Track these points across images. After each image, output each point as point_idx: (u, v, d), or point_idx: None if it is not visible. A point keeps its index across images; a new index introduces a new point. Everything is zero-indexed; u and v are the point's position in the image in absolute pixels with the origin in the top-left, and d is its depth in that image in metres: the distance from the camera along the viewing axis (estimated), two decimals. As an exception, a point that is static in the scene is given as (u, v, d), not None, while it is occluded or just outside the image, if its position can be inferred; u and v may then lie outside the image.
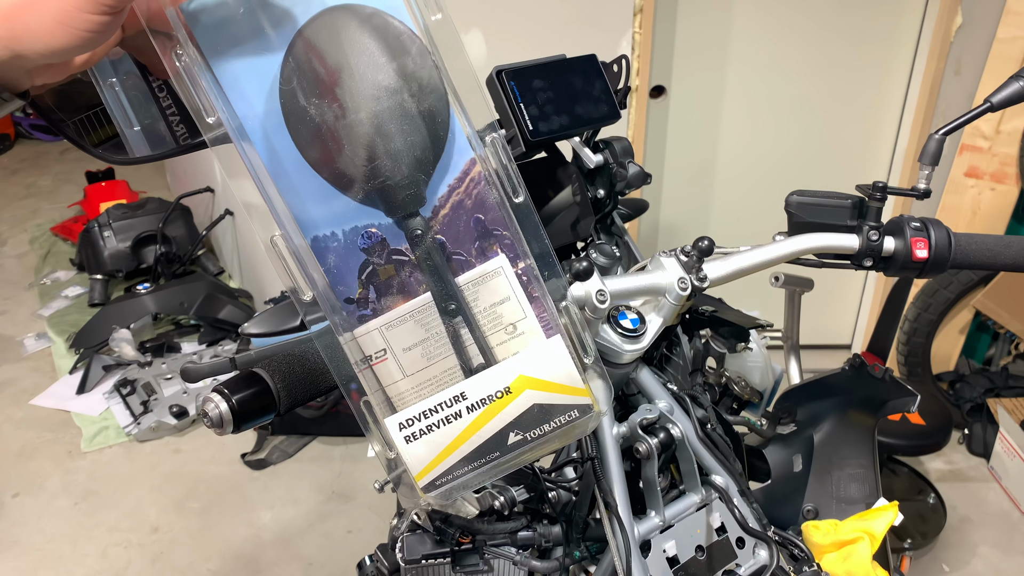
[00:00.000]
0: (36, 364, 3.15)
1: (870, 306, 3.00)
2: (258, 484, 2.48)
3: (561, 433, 0.62)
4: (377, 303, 0.59)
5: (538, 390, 0.60)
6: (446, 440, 0.60)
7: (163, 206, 3.65)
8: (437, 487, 0.61)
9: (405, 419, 0.59)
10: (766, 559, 0.87)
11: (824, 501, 1.14)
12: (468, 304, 0.60)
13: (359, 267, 0.59)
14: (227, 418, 0.62)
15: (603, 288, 0.74)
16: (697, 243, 0.82)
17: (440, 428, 0.60)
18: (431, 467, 0.60)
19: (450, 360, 0.60)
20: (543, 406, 0.61)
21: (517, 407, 0.60)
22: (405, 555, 0.96)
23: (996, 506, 2.38)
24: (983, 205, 2.58)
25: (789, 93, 2.70)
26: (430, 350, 0.60)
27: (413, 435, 0.60)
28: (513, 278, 0.60)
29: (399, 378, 0.60)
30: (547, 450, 0.63)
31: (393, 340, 0.60)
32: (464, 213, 0.59)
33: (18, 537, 2.27)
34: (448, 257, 0.59)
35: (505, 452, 0.61)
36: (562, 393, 0.61)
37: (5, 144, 5.86)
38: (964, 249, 0.91)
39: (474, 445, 0.60)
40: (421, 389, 0.61)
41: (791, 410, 1.19)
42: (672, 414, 0.85)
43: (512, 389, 0.60)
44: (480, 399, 0.60)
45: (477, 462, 0.61)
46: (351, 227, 0.58)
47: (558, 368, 0.60)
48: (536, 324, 0.61)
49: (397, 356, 0.60)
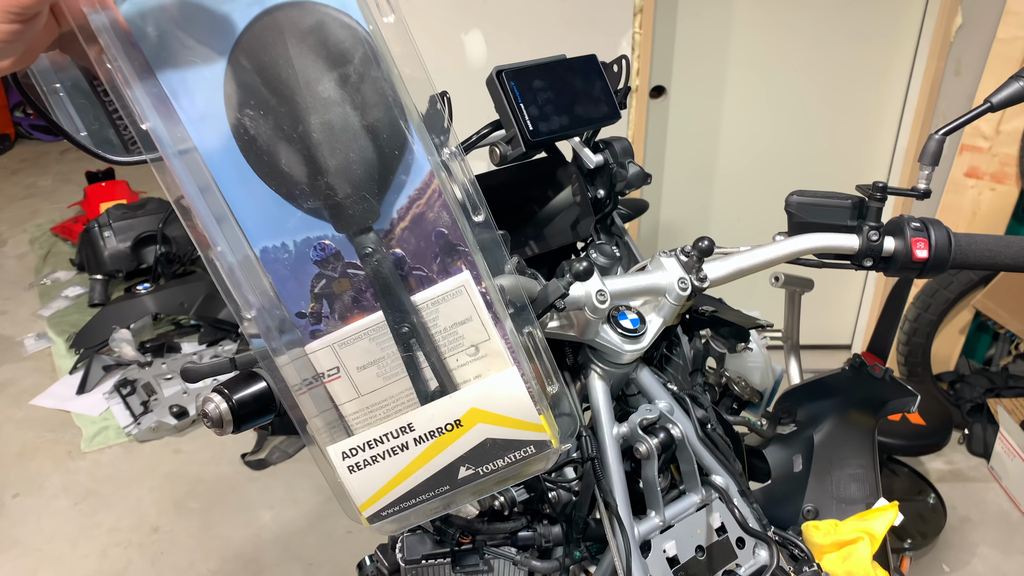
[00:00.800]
0: (36, 364, 3.14)
1: (870, 306, 3.00)
2: (258, 484, 2.48)
3: (516, 469, 0.58)
4: (331, 318, 0.56)
5: (491, 424, 0.57)
6: (391, 472, 0.57)
7: (163, 206, 3.65)
8: (382, 518, 0.58)
9: (348, 448, 0.57)
10: (766, 559, 0.87)
11: (824, 501, 1.14)
12: (425, 325, 0.56)
13: (312, 280, 0.55)
14: (227, 418, 0.62)
15: (603, 288, 0.74)
16: (697, 243, 0.82)
17: (385, 459, 0.57)
18: (376, 498, 0.58)
19: (407, 382, 0.57)
20: (496, 441, 0.57)
21: (468, 441, 0.57)
22: (405, 555, 0.96)
23: (996, 506, 2.38)
24: (983, 205, 2.57)
25: (789, 93, 2.70)
26: (386, 370, 0.57)
27: (357, 465, 0.57)
28: (477, 297, 0.56)
29: (352, 397, 0.57)
30: (502, 485, 0.60)
31: (347, 358, 0.56)
32: (425, 226, 0.55)
33: (18, 537, 2.27)
34: (407, 273, 0.56)
35: (456, 486, 0.58)
36: (517, 428, 0.57)
37: (5, 144, 5.86)
38: (964, 249, 0.91)
39: (422, 478, 0.57)
40: (375, 411, 0.57)
41: (791, 410, 1.19)
42: (672, 414, 0.85)
43: (463, 422, 0.57)
44: (428, 431, 0.56)
45: (425, 495, 0.58)
46: (303, 238, 0.54)
47: (513, 402, 0.57)
48: (501, 346, 0.57)
49: (351, 375, 0.57)
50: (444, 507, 0.59)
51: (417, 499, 0.58)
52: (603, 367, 0.83)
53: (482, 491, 0.59)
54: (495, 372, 0.57)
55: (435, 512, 0.60)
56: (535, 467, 0.59)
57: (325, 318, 0.56)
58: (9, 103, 5.89)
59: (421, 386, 0.57)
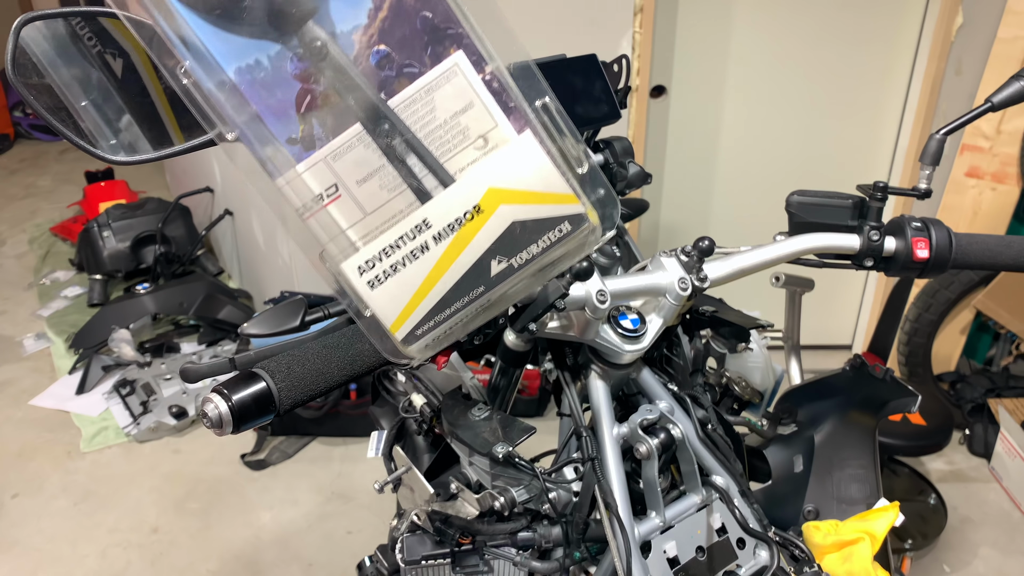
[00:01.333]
0: (35, 364, 3.14)
1: (871, 306, 2.99)
2: (258, 485, 2.48)
3: (554, 255, 0.51)
4: (325, 140, 0.50)
5: (515, 203, 0.50)
6: (416, 280, 0.50)
7: (162, 206, 3.65)
8: (417, 337, 0.52)
9: (364, 261, 0.50)
10: (767, 560, 0.87)
11: (825, 501, 1.14)
12: (412, 124, 0.49)
13: (295, 99, 0.49)
14: (227, 418, 0.62)
15: (603, 288, 0.74)
16: (697, 243, 0.81)
17: (406, 266, 0.50)
18: (406, 314, 0.51)
19: (412, 192, 0.50)
20: (525, 223, 0.50)
21: (493, 228, 0.50)
22: (405, 556, 0.96)
23: (997, 506, 2.38)
24: (984, 205, 2.57)
25: (789, 93, 2.69)
26: (388, 181, 0.50)
27: (377, 279, 0.50)
28: (474, 77, 0.49)
29: (359, 216, 0.50)
30: (542, 279, 0.53)
31: (343, 172, 0.50)
32: (407, 12, 0.48)
33: (17, 538, 2.27)
34: (397, 72, 0.49)
35: (490, 285, 0.51)
36: (544, 203, 0.50)
37: (4, 144, 5.86)
38: (965, 249, 0.91)
39: (451, 282, 0.50)
40: (384, 226, 0.51)
41: (792, 410, 1.19)
42: (672, 414, 0.85)
43: (483, 207, 0.49)
44: (447, 225, 0.50)
45: (459, 302, 0.51)
46: (276, 51, 0.48)
47: (535, 172, 0.49)
48: (513, 133, 0.49)
49: (350, 191, 0.50)
50: (480, 317, 0.52)
51: (451, 308, 0.51)
52: (603, 367, 0.83)
53: (521, 290, 0.53)
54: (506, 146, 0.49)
55: (475, 323, 0.53)
56: (575, 250, 0.52)
57: (319, 140, 0.50)
58: (9, 103, 5.89)
59: (424, 194, 0.50)
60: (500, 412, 0.89)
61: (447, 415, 0.89)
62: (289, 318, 0.79)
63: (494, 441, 0.81)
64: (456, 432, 0.86)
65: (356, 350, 0.66)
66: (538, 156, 0.49)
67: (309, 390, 0.65)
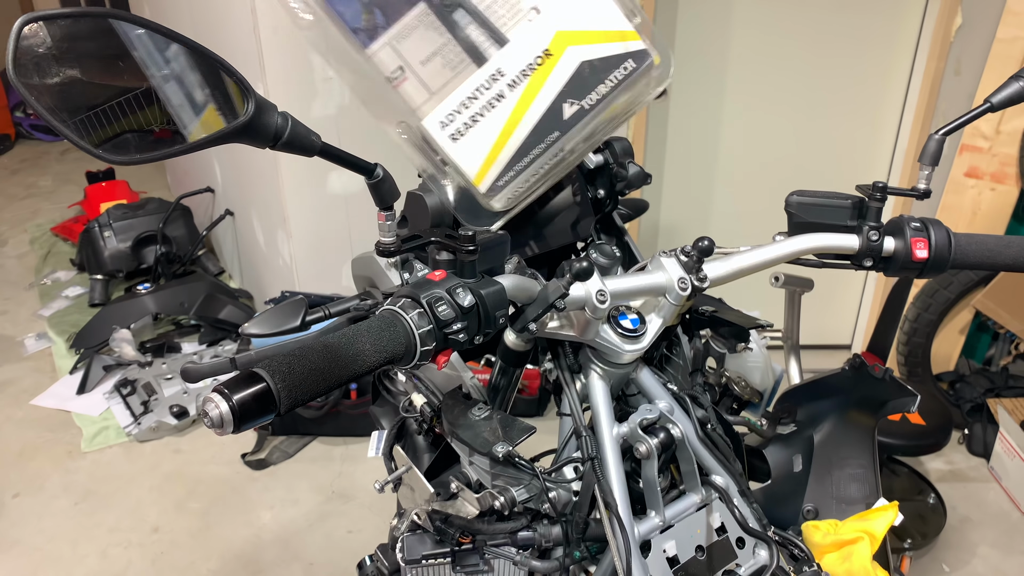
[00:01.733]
0: (36, 364, 3.15)
1: (870, 306, 3.00)
2: (258, 484, 2.48)
3: (621, 94, 0.54)
4: (387, 27, 0.53)
5: (582, 44, 0.52)
6: (496, 128, 0.53)
7: (163, 206, 3.65)
8: (500, 188, 0.55)
9: (445, 115, 0.53)
10: (766, 559, 0.87)
11: (824, 501, 1.14)
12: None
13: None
14: (227, 418, 0.62)
15: (603, 288, 0.74)
16: (697, 243, 0.82)
17: (485, 116, 0.53)
18: (488, 163, 0.54)
19: (475, 71, 0.53)
20: (592, 63, 0.53)
21: (564, 70, 0.53)
22: (405, 555, 0.96)
23: (996, 506, 2.38)
24: (983, 205, 2.57)
25: (789, 93, 2.70)
26: (451, 58, 0.53)
27: (459, 131, 0.53)
28: None
29: (426, 96, 0.53)
30: (614, 126, 0.55)
31: (407, 53, 0.53)
32: None
33: (18, 537, 2.27)
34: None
35: (565, 128, 0.54)
36: (610, 41, 0.53)
37: (5, 144, 5.86)
38: (964, 249, 0.91)
39: (528, 126, 0.54)
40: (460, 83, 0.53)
41: (791, 410, 1.19)
42: (672, 414, 0.85)
43: (552, 50, 0.52)
44: (520, 71, 0.52)
45: (537, 148, 0.54)
46: None
47: (599, 12, 0.52)
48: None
49: (416, 72, 0.53)
50: (557, 169, 0.54)
51: (529, 156, 0.54)
52: (603, 367, 0.83)
53: (595, 136, 0.55)
54: None
55: (550, 177, 0.55)
56: (639, 86, 0.54)
57: (382, 28, 0.53)
58: (9, 103, 5.89)
59: (479, 53, 0.53)
60: (500, 412, 0.89)
61: (447, 415, 0.89)
62: (290, 318, 0.79)
63: (494, 441, 0.82)
64: (456, 432, 0.86)
65: (356, 350, 0.66)
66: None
67: (310, 390, 0.65)
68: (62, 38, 0.68)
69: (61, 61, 0.69)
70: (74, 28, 0.70)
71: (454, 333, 0.72)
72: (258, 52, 2.36)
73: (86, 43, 0.71)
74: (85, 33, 0.72)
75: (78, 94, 0.69)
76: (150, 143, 0.73)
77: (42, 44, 0.67)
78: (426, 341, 0.70)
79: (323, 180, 2.60)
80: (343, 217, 2.67)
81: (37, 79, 0.68)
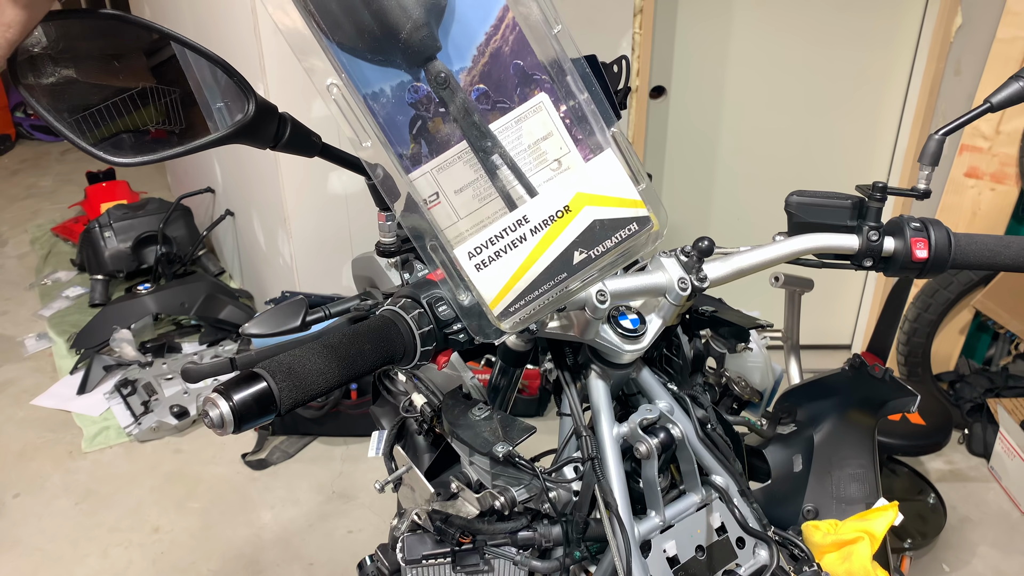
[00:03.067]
0: (37, 364, 3.15)
1: (870, 306, 3.00)
2: (258, 484, 2.48)
3: (624, 249, 0.64)
4: (428, 157, 0.62)
5: (596, 205, 0.63)
6: (515, 264, 0.63)
7: (164, 206, 3.65)
8: (511, 313, 0.64)
9: (474, 247, 0.63)
10: (766, 559, 0.87)
11: (824, 501, 1.14)
12: (501, 144, 0.62)
13: (409, 122, 0.61)
14: (227, 418, 0.62)
15: (603, 288, 0.74)
16: (697, 243, 0.82)
17: (508, 253, 0.63)
18: (504, 293, 0.63)
19: (498, 202, 0.63)
20: (603, 222, 0.64)
21: (578, 225, 0.63)
22: (405, 555, 0.96)
23: (996, 506, 2.38)
24: (983, 205, 2.57)
25: (789, 93, 2.70)
26: (480, 191, 0.63)
27: (483, 263, 0.63)
28: (554, 112, 0.63)
29: (454, 220, 0.63)
30: (611, 270, 0.66)
31: (444, 182, 0.62)
32: (503, 60, 0.61)
33: (19, 537, 2.27)
34: (492, 106, 0.62)
35: (572, 272, 0.64)
36: (619, 207, 0.64)
37: (6, 145, 5.87)
38: (964, 249, 0.91)
39: (542, 267, 0.63)
40: (476, 229, 0.63)
41: (791, 410, 1.19)
42: (672, 414, 0.85)
43: (571, 207, 0.63)
44: (543, 220, 0.63)
45: (547, 284, 0.64)
46: (397, 82, 0.60)
47: (613, 182, 0.64)
48: (579, 158, 0.64)
49: (449, 198, 0.63)
50: (560, 299, 0.65)
51: (539, 289, 0.64)
52: (603, 367, 0.83)
53: (593, 278, 0.65)
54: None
55: (552, 306, 0.65)
56: (638, 246, 0.65)
57: (424, 157, 0.62)
58: (9, 103, 5.89)
59: (508, 200, 0.63)
60: (500, 412, 0.89)
61: (447, 415, 0.89)
62: (290, 318, 0.79)
63: (494, 441, 0.82)
64: (456, 432, 0.86)
65: (357, 350, 0.66)
66: (617, 169, 0.64)
67: (310, 390, 0.65)
68: (59, 38, 0.68)
69: (58, 61, 0.69)
70: (73, 28, 0.70)
71: (454, 333, 0.72)
72: (258, 53, 2.36)
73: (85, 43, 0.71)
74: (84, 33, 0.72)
75: (76, 93, 0.69)
76: (150, 143, 0.73)
77: (37, 44, 0.67)
78: (426, 341, 0.70)
79: (323, 180, 2.60)
80: (343, 217, 2.67)
81: (35, 79, 0.68)
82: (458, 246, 0.63)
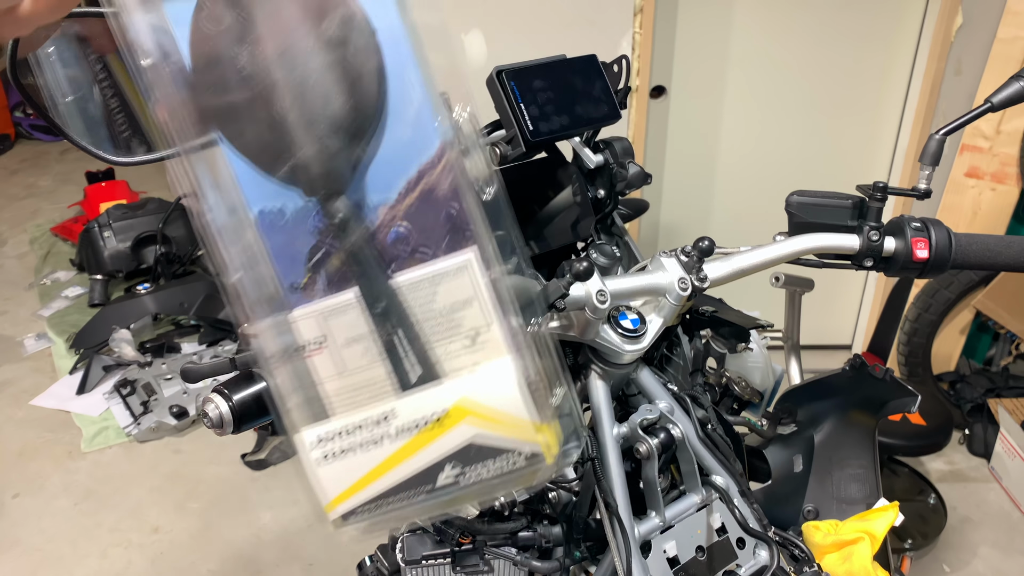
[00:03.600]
0: (36, 364, 3.14)
1: (870, 306, 2.99)
2: (258, 484, 2.48)
3: (501, 482, 0.51)
4: (325, 292, 0.50)
5: (478, 423, 0.50)
6: (367, 466, 0.50)
7: (163, 206, 3.65)
8: (351, 519, 0.52)
9: (325, 432, 0.50)
10: (766, 559, 0.87)
11: (824, 501, 1.14)
12: (409, 306, 0.50)
13: (309, 251, 0.50)
14: (227, 418, 0.62)
15: (603, 288, 0.74)
16: (697, 243, 0.81)
17: (362, 450, 0.50)
18: (347, 495, 0.51)
19: (384, 371, 0.51)
20: (481, 447, 0.50)
21: (451, 440, 0.50)
22: (405, 555, 0.96)
23: (997, 506, 2.38)
24: (984, 205, 2.57)
25: (789, 93, 2.69)
26: (372, 349, 0.51)
27: (332, 454, 0.51)
28: (481, 277, 0.50)
29: (332, 374, 0.51)
30: (487, 498, 0.53)
31: (335, 330, 0.50)
32: (436, 202, 0.49)
33: (18, 537, 2.27)
34: (411, 251, 0.50)
35: (434, 492, 0.51)
36: (507, 432, 0.50)
37: (5, 144, 5.86)
38: (965, 249, 0.91)
39: (399, 477, 0.51)
40: (358, 393, 0.51)
41: (791, 410, 1.19)
42: (672, 414, 0.85)
43: (448, 417, 0.50)
44: (412, 422, 0.50)
45: (402, 497, 0.51)
46: (300, 205, 0.49)
47: (505, 398, 0.50)
48: (501, 337, 0.50)
49: (336, 349, 0.51)
50: (419, 515, 0.53)
51: (392, 501, 0.51)
52: (603, 367, 0.83)
53: (461, 503, 0.53)
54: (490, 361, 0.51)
55: (406, 519, 0.53)
56: (522, 483, 0.52)
57: (320, 293, 0.51)
58: (9, 103, 5.89)
59: (402, 372, 0.51)
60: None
61: (447, 415, 0.89)
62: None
63: (494, 441, 0.81)
64: (456, 432, 0.86)
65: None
66: (511, 384, 0.50)
67: (309, 390, 0.65)
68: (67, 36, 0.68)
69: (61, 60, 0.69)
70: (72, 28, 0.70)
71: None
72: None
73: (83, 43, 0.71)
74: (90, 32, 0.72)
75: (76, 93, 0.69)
76: (149, 143, 0.73)
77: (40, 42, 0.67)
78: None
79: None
80: (343, 217, 2.66)
81: (35, 79, 0.68)
82: (307, 426, 0.50)
